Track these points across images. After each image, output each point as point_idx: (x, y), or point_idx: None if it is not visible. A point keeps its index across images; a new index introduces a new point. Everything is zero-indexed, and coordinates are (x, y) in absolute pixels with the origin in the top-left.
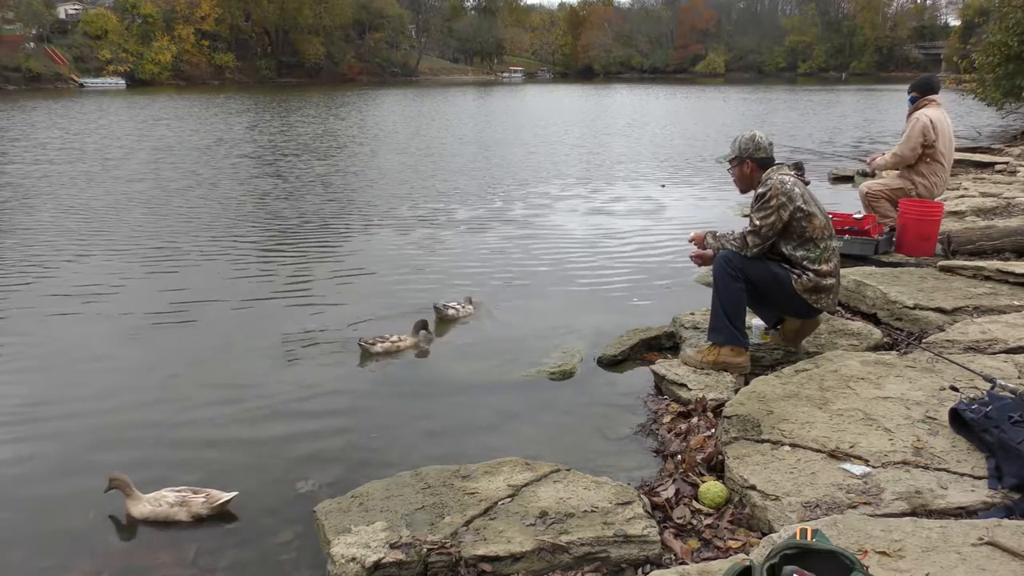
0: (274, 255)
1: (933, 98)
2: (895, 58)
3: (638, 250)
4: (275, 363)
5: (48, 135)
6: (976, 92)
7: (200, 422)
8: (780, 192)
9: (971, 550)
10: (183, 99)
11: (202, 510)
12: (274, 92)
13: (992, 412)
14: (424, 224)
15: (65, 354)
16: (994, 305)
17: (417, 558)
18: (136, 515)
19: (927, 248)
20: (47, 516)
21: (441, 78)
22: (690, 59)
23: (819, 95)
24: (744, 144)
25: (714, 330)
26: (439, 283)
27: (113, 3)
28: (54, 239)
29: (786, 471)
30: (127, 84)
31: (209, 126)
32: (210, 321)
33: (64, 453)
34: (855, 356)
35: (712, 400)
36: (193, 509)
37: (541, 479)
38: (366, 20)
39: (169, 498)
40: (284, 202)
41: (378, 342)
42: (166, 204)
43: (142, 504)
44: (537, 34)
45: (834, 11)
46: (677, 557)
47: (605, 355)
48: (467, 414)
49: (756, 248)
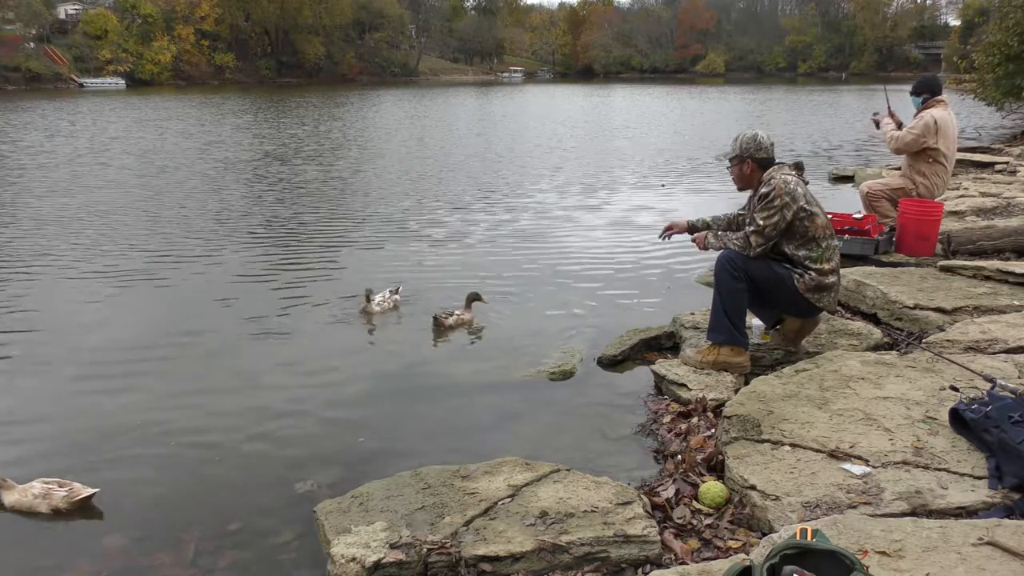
0: (273, 256)
1: (941, 98)
2: (895, 58)
3: (638, 250)
4: (274, 363)
5: (34, 137)
6: (976, 92)
7: (200, 422)
8: (784, 192)
9: (971, 550)
10: (183, 99)
11: (62, 504)
12: (274, 92)
13: (992, 412)
14: (423, 224)
15: (65, 354)
16: (994, 305)
17: (417, 558)
18: (6, 504)
19: (927, 248)
20: (47, 516)
21: (441, 78)
22: (690, 59)
23: (819, 95)
24: (746, 143)
25: (714, 330)
26: (439, 283)
27: (113, 3)
28: (51, 241)
29: (786, 471)
30: (127, 84)
31: (212, 127)
32: (208, 321)
33: (63, 451)
34: (855, 356)
35: (712, 400)
36: (53, 502)
37: (541, 479)
38: (366, 20)
39: (36, 489)
40: (283, 206)
41: (447, 316)
42: (156, 212)
43: (13, 493)
44: (537, 34)
45: (834, 11)
46: (677, 557)
47: (605, 355)
48: (467, 414)
49: (760, 248)
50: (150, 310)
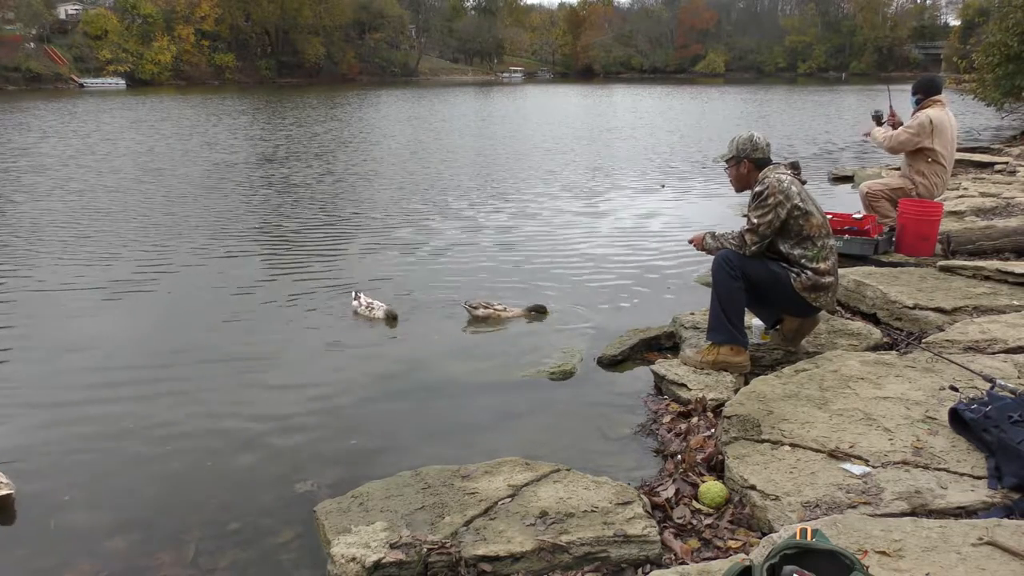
0: (271, 258)
1: (938, 98)
2: (895, 58)
3: (638, 250)
4: (274, 364)
5: (22, 139)
6: (976, 92)
7: (199, 422)
8: (777, 190)
9: (971, 550)
10: (184, 99)
11: None
12: (274, 92)
13: (992, 412)
14: (423, 224)
15: (66, 355)
16: (994, 305)
17: (417, 558)
18: None
19: (927, 248)
20: (47, 516)
21: (441, 78)
22: (690, 59)
23: (819, 95)
24: (742, 144)
25: (713, 330)
26: (438, 282)
27: (113, 3)
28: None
29: (786, 471)
30: (127, 84)
31: (211, 127)
32: (207, 322)
33: (62, 450)
34: (855, 356)
35: (712, 400)
36: None
37: (541, 479)
38: (366, 20)
39: None
40: (282, 207)
41: (481, 307)
42: (150, 213)
43: None
44: (537, 34)
45: (834, 11)
46: (677, 557)
47: (605, 355)
48: (467, 414)
49: (754, 246)
50: (150, 310)
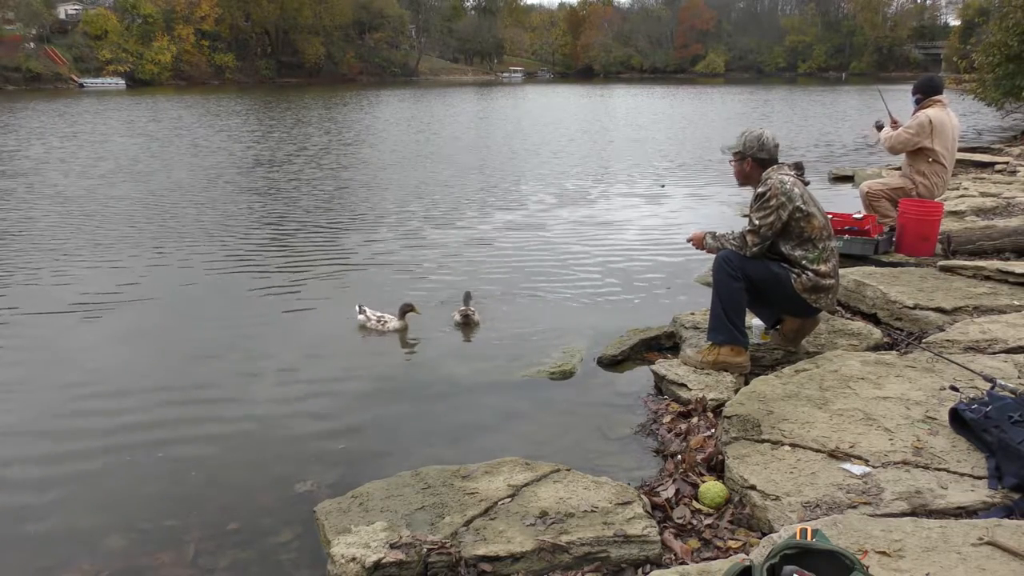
0: (271, 258)
1: (938, 98)
2: (895, 58)
3: (638, 250)
4: (273, 364)
5: (11, 139)
6: (976, 92)
7: (199, 422)
8: (779, 192)
9: (971, 550)
10: (184, 99)
11: None
12: (274, 92)
13: (992, 412)
14: (422, 224)
15: (66, 354)
16: (994, 305)
17: (417, 558)
18: None
19: (927, 248)
20: (47, 516)
21: (441, 78)
22: (690, 59)
23: (819, 95)
24: (749, 141)
25: (714, 330)
26: (438, 283)
27: (113, 3)
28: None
29: (786, 471)
30: (127, 84)
31: (211, 128)
32: (207, 321)
33: (62, 448)
34: (855, 356)
35: (712, 400)
36: None
37: (541, 479)
38: (366, 20)
39: None
40: (281, 208)
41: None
42: (147, 214)
43: None
44: (537, 34)
45: (834, 11)
46: (677, 557)
47: (605, 355)
48: (467, 414)
49: (755, 247)
50: (150, 311)
